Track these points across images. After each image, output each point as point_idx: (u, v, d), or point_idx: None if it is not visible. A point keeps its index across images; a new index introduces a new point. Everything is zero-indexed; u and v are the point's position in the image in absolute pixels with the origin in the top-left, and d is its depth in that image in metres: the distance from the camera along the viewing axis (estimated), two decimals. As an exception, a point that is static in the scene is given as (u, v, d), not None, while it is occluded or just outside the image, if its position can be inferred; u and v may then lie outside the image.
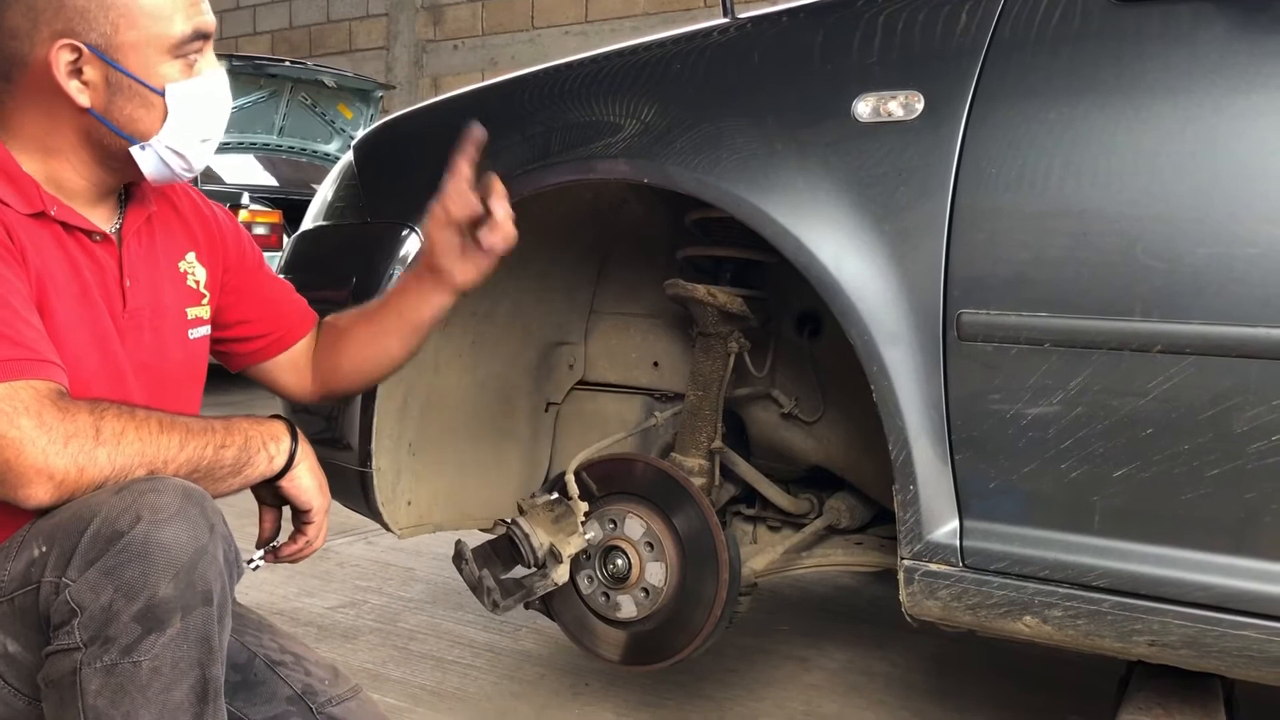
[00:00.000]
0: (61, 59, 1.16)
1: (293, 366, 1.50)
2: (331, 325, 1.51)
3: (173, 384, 1.32)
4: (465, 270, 1.39)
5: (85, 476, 1.06)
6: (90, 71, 1.17)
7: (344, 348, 1.48)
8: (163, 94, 1.19)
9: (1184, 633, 1.28)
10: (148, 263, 1.30)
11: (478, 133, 1.33)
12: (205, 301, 1.39)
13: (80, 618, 1.00)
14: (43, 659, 1.05)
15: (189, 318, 1.36)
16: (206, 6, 1.24)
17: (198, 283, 1.38)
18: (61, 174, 1.22)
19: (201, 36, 1.21)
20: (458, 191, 1.35)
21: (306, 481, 1.27)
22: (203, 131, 1.24)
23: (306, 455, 1.26)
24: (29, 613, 1.07)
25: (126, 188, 1.30)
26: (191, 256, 1.38)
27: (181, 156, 1.23)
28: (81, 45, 1.15)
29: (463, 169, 1.34)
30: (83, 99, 1.17)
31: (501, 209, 1.34)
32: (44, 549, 1.05)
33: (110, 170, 1.24)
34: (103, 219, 1.26)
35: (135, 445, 1.09)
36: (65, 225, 1.20)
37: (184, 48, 1.19)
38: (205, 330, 1.39)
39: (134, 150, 1.21)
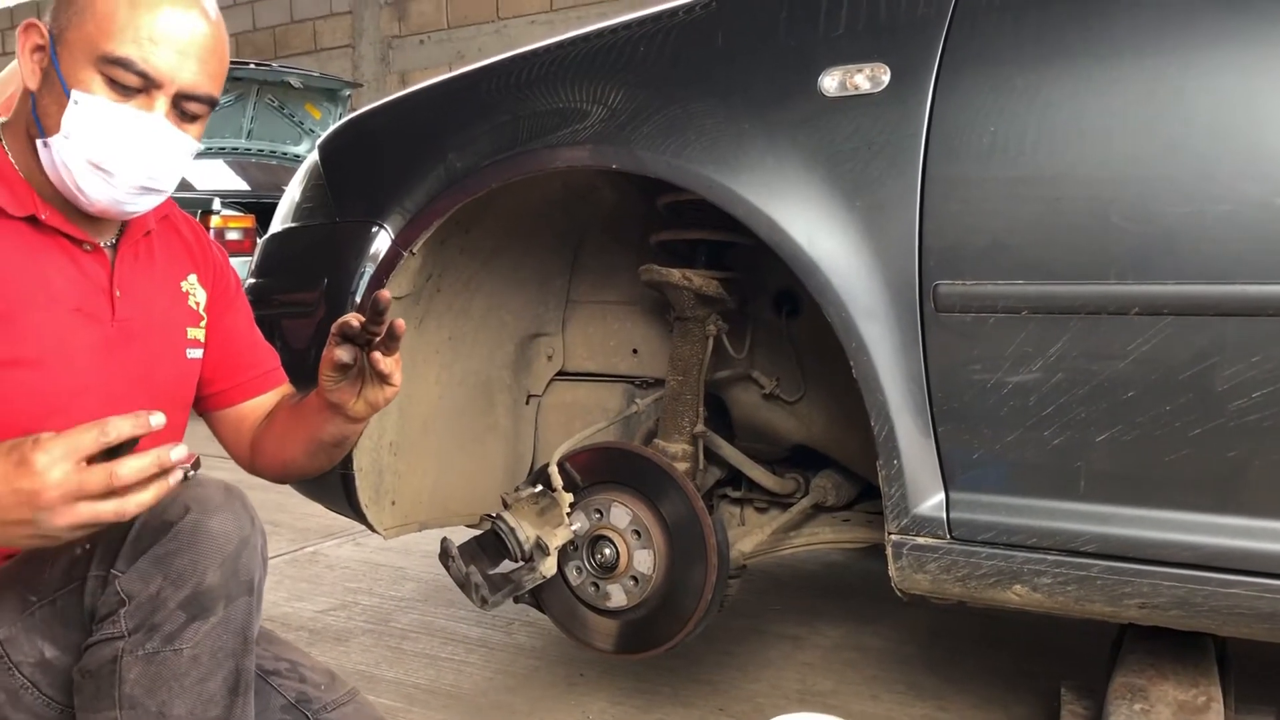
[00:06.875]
0: (29, 39, 1.18)
1: (233, 425, 1.46)
2: (279, 404, 1.46)
3: (163, 400, 1.29)
4: (357, 406, 1.29)
5: None
6: (44, 57, 1.18)
7: (269, 431, 1.43)
8: (68, 94, 1.15)
9: (1173, 593, 1.28)
10: (144, 277, 1.30)
11: (383, 299, 1.16)
12: (203, 324, 1.39)
13: (128, 606, 1.03)
14: (82, 653, 1.07)
15: (188, 337, 1.36)
16: (194, 68, 1.16)
17: (198, 304, 1.38)
18: (36, 175, 1.21)
19: (143, 76, 1.14)
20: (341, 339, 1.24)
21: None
22: (95, 155, 1.15)
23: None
24: (71, 611, 1.09)
25: None
26: (193, 278, 1.39)
27: (70, 172, 1.16)
28: (45, 30, 1.18)
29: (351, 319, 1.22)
30: (31, 81, 1.19)
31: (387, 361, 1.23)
32: (86, 547, 1.07)
33: None
34: (95, 232, 1.25)
35: None
36: (57, 231, 1.21)
37: (111, 67, 1.13)
38: (200, 353, 1.38)
39: (38, 143, 1.19)
